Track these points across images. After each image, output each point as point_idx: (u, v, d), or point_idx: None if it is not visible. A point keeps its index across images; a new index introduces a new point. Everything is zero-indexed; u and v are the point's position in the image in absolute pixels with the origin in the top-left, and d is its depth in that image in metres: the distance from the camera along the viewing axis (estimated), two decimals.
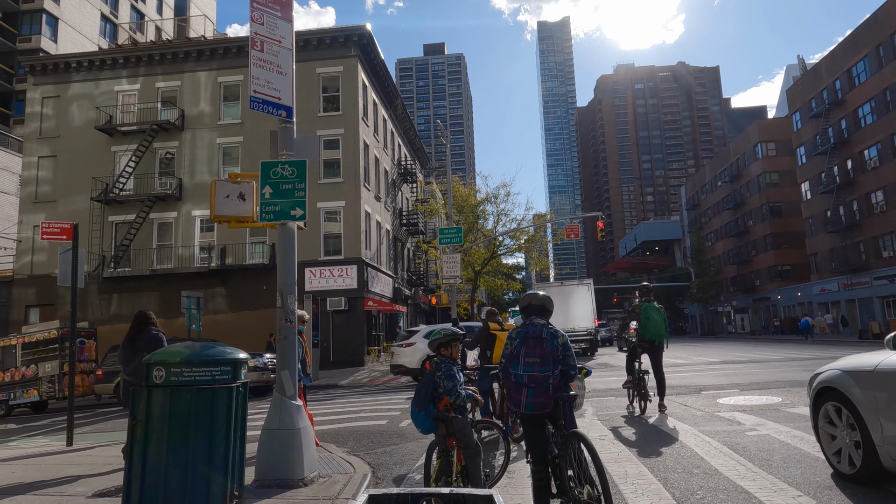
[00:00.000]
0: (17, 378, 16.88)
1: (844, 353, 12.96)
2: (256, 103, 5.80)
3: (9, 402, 16.72)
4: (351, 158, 26.90)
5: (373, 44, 28.83)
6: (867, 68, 40.76)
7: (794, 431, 6.60)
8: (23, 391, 16.72)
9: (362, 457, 6.75)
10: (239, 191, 6.08)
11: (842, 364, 4.78)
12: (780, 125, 58.96)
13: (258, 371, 16.08)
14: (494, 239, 32.38)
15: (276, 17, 6.03)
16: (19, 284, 27.51)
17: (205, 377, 4.24)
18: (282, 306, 5.66)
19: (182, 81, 28.44)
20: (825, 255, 48.12)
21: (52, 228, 9.80)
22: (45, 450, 8.39)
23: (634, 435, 7.11)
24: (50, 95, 29.02)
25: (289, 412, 5.39)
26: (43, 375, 16.72)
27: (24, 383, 16.79)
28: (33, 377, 16.75)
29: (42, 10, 39.95)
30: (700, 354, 23.46)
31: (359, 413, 10.87)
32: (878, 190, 40.22)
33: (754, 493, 4.43)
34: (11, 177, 33.96)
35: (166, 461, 4.02)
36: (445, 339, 4.25)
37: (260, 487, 5.08)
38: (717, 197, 70.01)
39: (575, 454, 3.72)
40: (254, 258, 26.72)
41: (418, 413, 4.08)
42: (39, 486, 5.73)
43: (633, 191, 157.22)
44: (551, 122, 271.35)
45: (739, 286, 65.10)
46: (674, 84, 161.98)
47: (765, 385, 11.25)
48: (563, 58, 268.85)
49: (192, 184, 27.45)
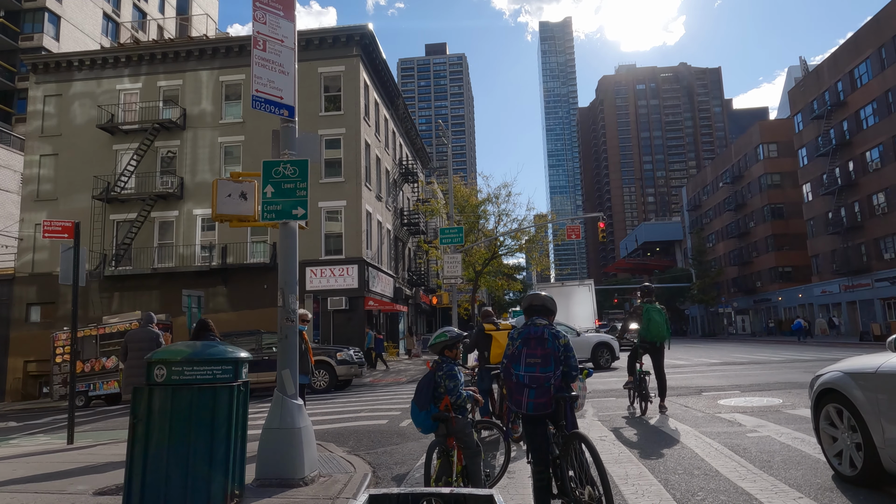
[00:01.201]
0: (96, 369, 16.62)
1: (845, 356, 12.95)
2: (259, 102, 5.81)
3: (88, 392, 16.46)
4: (352, 158, 26.91)
5: (374, 43, 28.84)
6: (869, 70, 40.73)
7: (795, 433, 6.60)
8: (102, 382, 16.46)
9: (363, 456, 6.75)
10: (241, 190, 6.09)
11: (843, 366, 4.77)
12: (781, 126, 58.93)
13: (346, 364, 15.93)
14: (495, 239, 32.38)
15: (279, 17, 6.03)
16: (20, 282, 27.53)
17: (206, 376, 4.24)
18: (283, 305, 5.67)
19: (184, 80, 28.46)
20: (826, 256, 48.08)
21: (54, 227, 9.81)
22: (46, 448, 8.40)
23: (635, 436, 7.11)
24: (52, 94, 29.05)
25: (290, 411, 5.39)
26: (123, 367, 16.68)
27: (103, 374, 16.49)
28: (113, 368, 16.45)
29: (45, 9, 39.99)
30: (701, 355, 23.45)
31: (359, 413, 10.88)
32: (880, 192, 40.19)
33: (755, 494, 4.42)
34: (13, 175, 34.00)
35: (167, 459, 4.02)
36: (450, 342, 4.28)
37: (261, 486, 5.08)
38: (719, 198, 69.98)
39: (576, 455, 3.72)
40: (255, 257, 26.73)
41: (419, 412, 4.09)
42: (40, 485, 5.73)
43: (634, 191, 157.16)
44: (553, 123, 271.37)
45: (740, 287, 65.07)
46: (675, 85, 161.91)
47: (765, 386, 11.24)
48: (564, 58, 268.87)
49: (194, 183, 27.47)
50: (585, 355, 17.91)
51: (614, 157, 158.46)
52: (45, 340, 25.51)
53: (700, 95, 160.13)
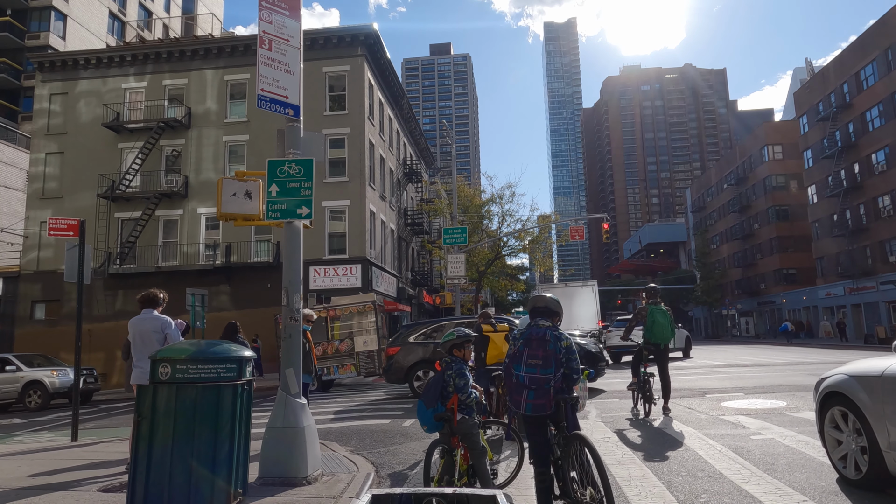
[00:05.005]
0: (329, 352, 16.02)
1: (849, 358, 12.88)
2: (264, 102, 5.82)
3: (322, 376, 15.87)
4: (356, 157, 26.94)
5: (379, 43, 28.87)
6: (875, 72, 40.56)
7: (800, 436, 6.57)
8: (338, 366, 15.91)
9: (365, 456, 6.75)
10: (245, 189, 6.11)
11: (848, 369, 4.75)
12: (787, 128, 58.73)
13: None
14: (499, 239, 32.36)
15: (285, 17, 6.05)
16: (25, 280, 27.65)
17: (210, 374, 4.25)
18: (287, 304, 5.68)
19: (189, 79, 28.54)
20: (831, 259, 47.89)
21: (59, 224, 9.84)
22: (50, 445, 8.43)
23: (639, 437, 7.10)
24: (58, 92, 29.17)
25: (293, 410, 5.40)
26: (360, 351, 15.82)
27: (338, 357, 15.93)
28: (348, 352, 15.93)
29: (51, 7, 40.14)
30: (704, 357, 23.38)
31: (362, 412, 10.89)
32: (886, 194, 40.01)
33: (759, 497, 4.41)
34: (19, 173, 34.13)
35: (171, 457, 4.04)
36: (459, 341, 4.31)
37: (263, 485, 5.09)
38: (723, 199, 69.78)
39: (577, 456, 3.72)
40: (259, 256, 26.79)
41: (426, 411, 4.10)
42: (45, 482, 5.75)
43: (638, 192, 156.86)
44: (557, 124, 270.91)
45: (744, 289, 64.87)
46: (681, 86, 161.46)
47: (769, 389, 11.20)
48: (569, 59, 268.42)
49: (198, 181, 27.54)
50: None
51: (618, 157, 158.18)
52: (49, 337, 25.67)
53: (705, 96, 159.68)
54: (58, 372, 16.28)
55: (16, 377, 15.86)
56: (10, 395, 15.83)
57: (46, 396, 15.89)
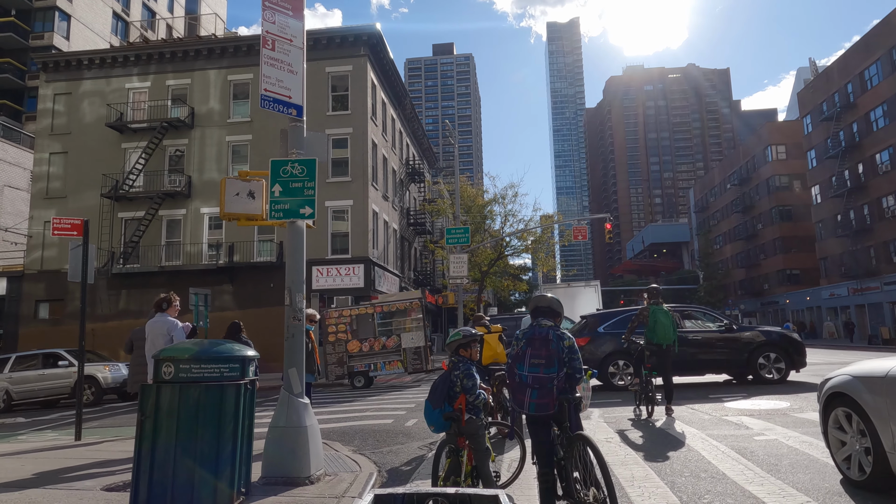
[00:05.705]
0: (376, 348, 16.05)
1: (853, 359, 12.85)
2: (267, 101, 5.82)
3: (368, 372, 15.90)
4: (359, 157, 26.96)
5: (382, 44, 28.88)
6: (880, 72, 40.43)
7: (803, 437, 6.55)
8: (385, 362, 15.93)
9: (368, 455, 6.76)
10: (248, 188, 6.11)
11: (853, 369, 4.74)
12: (790, 128, 58.60)
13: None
14: (502, 240, 32.34)
15: (288, 17, 6.05)
16: (29, 279, 27.74)
17: (213, 374, 4.26)
18: (290, 304, 5.68)
19: (192, 79, 28.60)
20: (835, 259, 47.76)
21: (63, 224, 9.85)
22: (54, 444, 8.46)
23: (641, 438, 7.09)
24: (62, 92, 29.26)
25: (296, 410, 5.40)
26: (407, 347, 15.90)
27: (385, 354, 15.91)
28: (395, 348, 15.97)
29: (55, 8, 40.26)
30: None
31: (365, 412, 10.89)
32: (890, 194, 39.89)
33: (762, 497, 4.40)
34: (23, 172, 34.23)
35: (174, 457, 4.04)
36: (465, 341, 4.29)
37: (266, 484, 5.10)
38: (726, 199, 69.63)
39: (580, 456, 3.71)
40: (262, 256, 26.83)
41: (432, 411, 4.09)
42: (48, 480, 5.77)
43: (641, 192, 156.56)
44: (560, 124, 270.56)
45: (748, 290, 64.72)
46: (684, 86, 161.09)
47: (773, 389, 11.17)
48: (572, 59, 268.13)
49: (201, 181, 27.59)
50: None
51: (621, 157, 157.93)
52: (53, 337, 25.71)
53: (708, 97, 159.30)
54: (110, 367, 16.29)
55: (69, 372, 15.58)
56: (63, 391, 15.70)
57: (100, 392, 15.74)
